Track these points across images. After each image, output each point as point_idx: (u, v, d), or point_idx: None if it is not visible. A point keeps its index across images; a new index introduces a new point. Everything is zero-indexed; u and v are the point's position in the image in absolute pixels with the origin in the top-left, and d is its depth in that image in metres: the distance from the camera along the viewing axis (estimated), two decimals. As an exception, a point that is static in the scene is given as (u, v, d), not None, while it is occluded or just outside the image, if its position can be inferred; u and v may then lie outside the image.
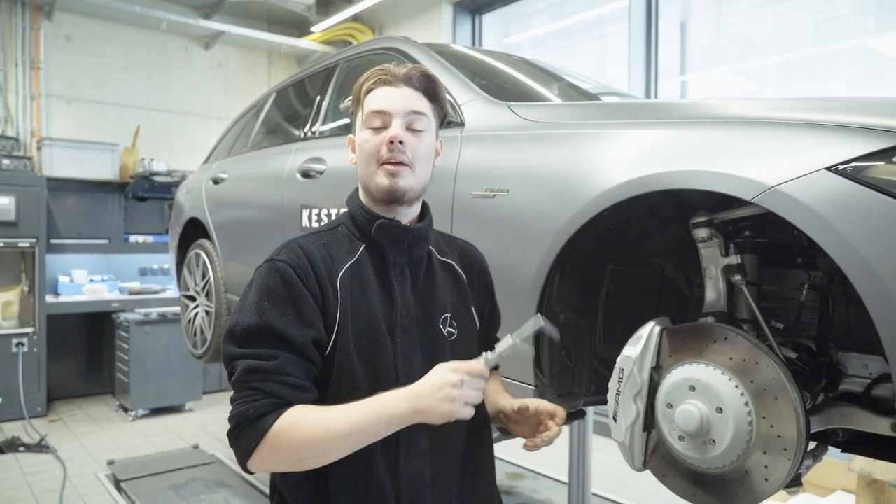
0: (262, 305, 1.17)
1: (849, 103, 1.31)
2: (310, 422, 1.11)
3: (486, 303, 1.47)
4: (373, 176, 1.27)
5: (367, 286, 1.26)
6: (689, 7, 4.74)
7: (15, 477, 4.21)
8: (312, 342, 1.18)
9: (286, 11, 7.09)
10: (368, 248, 1.30)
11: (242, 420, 1.12)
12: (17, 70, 6.07)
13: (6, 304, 5.56)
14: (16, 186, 5.44)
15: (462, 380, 1.11)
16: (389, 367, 1.23)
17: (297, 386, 1.15)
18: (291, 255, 1.22)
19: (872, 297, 1.04)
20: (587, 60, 5.52)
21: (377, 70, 1.32)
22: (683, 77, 4.76)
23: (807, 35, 4.11)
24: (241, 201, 3.24)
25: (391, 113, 1.27)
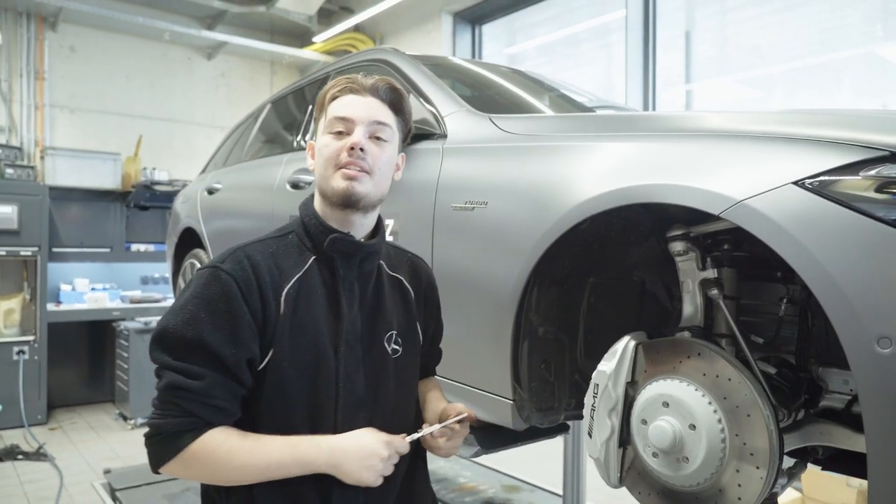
0: (197, 316, 1.14)
1: (823, 116, 1.30)
2: (227, 450, 1.12)
3: (431, 318, 1.48)
4: (329, 179, 1.25)
5: (314, 301, 1.23)
6: (694, 16, 4.73)
7: (12, 485, 4.21)
8: (245, 361, 1.16)
9: (288, 22, 7.13)
10: (318, 259, 1.27)
11: (160, 433, 1.13)
12: (22, 80, 6.13)
13: (8, 312, 5.58)
14: (19, 195, 5.48)
15: (390, 455, 1.18)
16: (331, 384, 1.21)
17: (221, 408, 1.14)
18: (236, 266, 1.18)
19: (837, 312, 1.03)
20: (593, 69, 5.50)
21: (344, 78, 1.32)
22: (688, 86, 4.75)
23: (813, 43, 4.09)
24: (233, 211, 3.25)
25: (355, 120, 1.26)
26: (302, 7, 6.81)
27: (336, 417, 1.21)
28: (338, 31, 6.98)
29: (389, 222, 2.01)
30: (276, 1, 6.63)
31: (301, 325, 1.21)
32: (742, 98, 4.55)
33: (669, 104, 4.81)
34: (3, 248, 5.42)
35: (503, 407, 1.66)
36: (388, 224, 2.01)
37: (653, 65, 4.77)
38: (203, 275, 1.19)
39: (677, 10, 4.78)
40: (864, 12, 3.87)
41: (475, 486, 4.07)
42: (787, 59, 4.23)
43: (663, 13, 4.79)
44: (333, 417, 1.21)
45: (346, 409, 1.22)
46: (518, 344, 1.63)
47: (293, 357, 1.19)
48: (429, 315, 1.47)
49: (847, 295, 1.02)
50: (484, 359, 1.68)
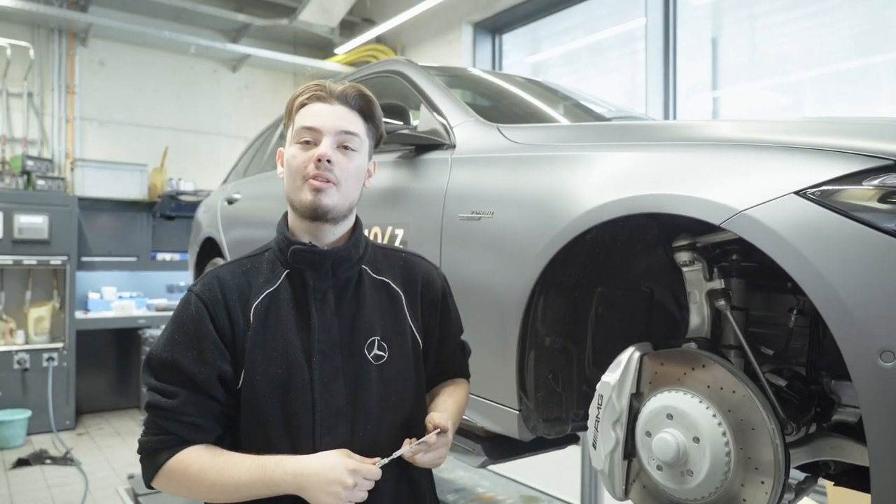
0: (173, 338, 1.21)
1: (826, 125, 1.28)
2: (198, 468, 1.15)
3: (433, 316, 1.40)
4: (297, 191, 1.24)
5: (283, 314, 1.23)
6: (721, 22, 4.67)
7: (39, 489, 4.31)
8: (217, 378, 1.19)
9: (311, 34, 7.22)
10: (290, 273, 1.27)
11: (143, 450, 1.20)
12: (54, 94, 6.29)
13: (38, 320, 5.73)
14: (50, 206, 5.63)
15: (355, 483, 1.12)
16: (305, 394, 1.20)
17: (195, 425, 1.18)
18: (204, 289, 1.23)
19: (838, 324, 1.01)
20: (618, 78, 5.45)
21: (312, 85, 1.29)
22: (715, 93, 4.69)
23: (847, 48, 3.99)
24: (252, 221, 3.29)
25: (322, 131, 1.24)
26: (324, 19, 6.89)
27: (314, 429, 1.20)
28: (359, 42, 7.05)
29: (399, 232, 2.03)
30: (299, 14, 6.73)
31: (271, 338, 1.21)
32: (771, 105, 4.47)
33: (694, 111, 4.75)
34: (34, 257, 5.57)
35: (509, 417, 1.65)
36: (399, 234, 2.03)
37: (673, 73, 4.73)
38: (182, 299, 1.26)
39: (703, 17, 4.73)
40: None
41: (493, 497, 4.05)
42: (818, 65, 4.14)
43: (688, 20, 4.74)
44: (312, 429, 1.20)
45: (325, 420, 1.20)
46: (524, 353, 1.63)
47: (265, 371, 1.20)
48: (430, 314, 1.40)
49: (849, 307, 1.00)
50: (490, 368, 1.67)
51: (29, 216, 5.52)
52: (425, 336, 1.39)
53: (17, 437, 5.14)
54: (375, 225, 2.10)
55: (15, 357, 5.43)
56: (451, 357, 1.47)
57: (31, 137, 6.21)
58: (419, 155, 2.09)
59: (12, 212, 5.45)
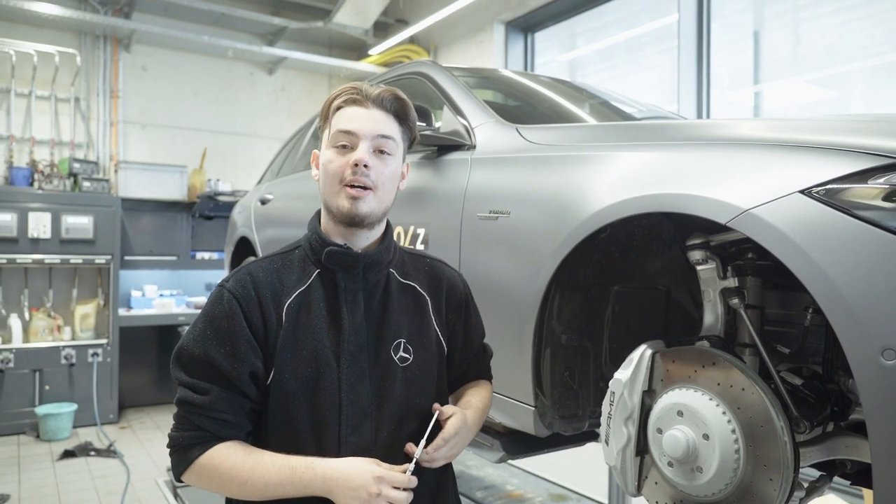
0: (205, 334, 1.21)
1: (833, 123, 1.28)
2: (230, 466, 1.16)
3: (457, 321, 1.42)
4: (334, 197, 1.25)
5: (314, 313, 1.25)
6: (763, 15, 4.58)
7: (83, 479, 4.48)
8: (249, 375, 1.20)
9: (345, 36, 7.33)
10: (322, 273, 1.28)
11: (174, 445, 1.21)
12: (99, 99, 6.52)
13: (84, 317, 5.94)
14: (94, 207, 5.84)
15: (380, 492, 1.11)
16: (333, 394, 1.22)
17: (227, 422, 1.19)
18: (237, 285, 1.24)
19: (841, 323, 1.01)
20: (657, 74, 5.37)
21: (349, 87, 1.30)
22: (757, 87, 4.60)
23: (894, 40, 3.88)
24: (284, 220, 3.38)
25: (359, 135, 1.25)
26: (358, 21, 6.98)
27: (340, 428, 1.21)
28: (393, 43, 7.12)
29: (421, 231, 2.07)
30: (334, 16, 6.83)
31: (302, 337, 1.23)
32: (816, 99, 4.34)
33: (736, 107, 4.66)
34: (80, 256, 5.78)
35: (526, 413, 1.68)
36: (420, 233, 2.07)
37: (707, 69, 4.66)
38: (212, 294, 1.27)
39: (743, 11, 4.64)
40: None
41: (522, 494, 4.07)
42: (865, 57, 4.01)
43: (727, 14, 4.65)
44: (337, 428, 1.21)
45: (350, 420, 1.22)
46: (540, 351, 1.65)
47: (295, 369, 1.21)
48: (455, 317, 1.41)
49: (852, 305, 1.00)
50: (506, 365, 1.70)
51: (75, 217, 5.73)
52: (449, 340, 1.40)
53: (63, 430, 5.35)
54: (398, 224, 2.14)
55: (62, 352, 5.64)
56: (473, 360, 1.48)
57: (78, 141, 6.44)
58: (441, 155, 2.12)
59: (60, 213, 5.67)
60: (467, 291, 1.47)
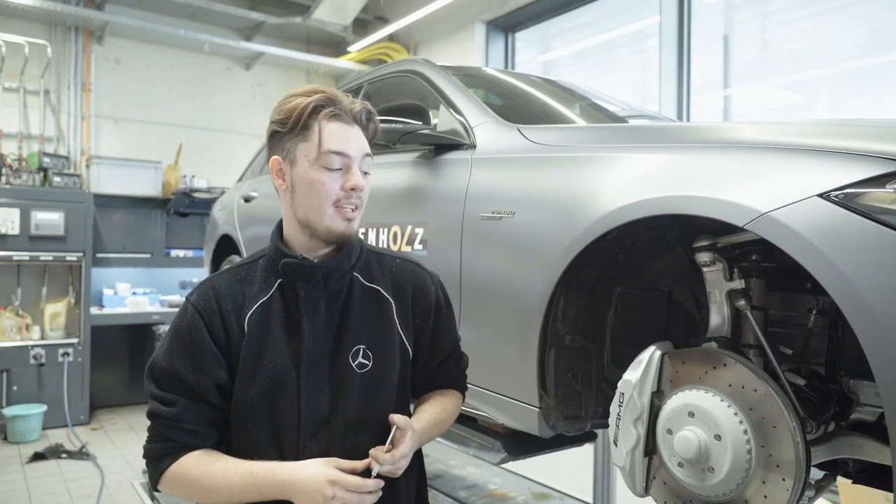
0: (171, 347, 1.25)
1: (849, 128, 1.29)
2: (197, 473, 1.19)
3: (425, 323, 1.39)
4: (322, 218, 1.24)
5: (275, 324, 1.26)
6: (733, 19, 4.66)
7: (55, 482, 4.36)
8: (215, 386, 1.23)
9: (324, 32, 7.26)
10: (283, 283, 1.29)
11: (147, 456, 1.25)
12: (70, 92, 6.36)
13: (54, 316, 5.79)
14: (65, 203, 5.68)
15: (334, 495, 1.12)
16: (292, 402, 1.23)
17: (194, 432, 1.23)
18: (200, 299, 1.26)
19: (862, 325, 1.03)
20: (628, 75, 5.46)
21: (324, 98, 1.25)
22: (727, 91, 4.68)
23: (861, 45, 3.97)
24: (269, 218, 3.32)
25: (352, 157, 1.25)
26: (337, 17, 6.92)
27: (299, 435, 1.23)
28: (372, 40, 7.08)
29: (419, 230, 2.05)
30: (313, 12, 6.76)
31: (262, 347, 1.24)
32: (783, 103, 4.45)
33: (706, 110, 4.74)
34: (51, 253, 5.62)
35: (530, 414, 1.68)
36: (419, 232, 2.05)
37: (687, 71, 4.73)
38: (180, 308, 1.30)
39: (715, 14, 4.72)
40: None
41: (505, 493, 4.07)
42: (832, 63, 4.11)
43: (700, 17, 4.74)
44: (296, 435, 1.23)
45: (308, 427, 1.23)
46: (544, 352, 1.65)
47: (254, 379, 1.23)
48: (422, 322, 1.38)
49: (872, 308, 1.02)
50: (511, 366, 1.69)
51: (45, 213, 5.57)
52: (416, 344, 1.38)
53: (33, 432, 5.21)
54: (395, 224, 2.12)
55: (31, 352, 5.49)
56: (441, 367, 1.44)
57: (48, 134, 6.27)
58: (438, 155, 2.11)
59: (29, 208, 5.51)
60: (440, 294, 1.43)
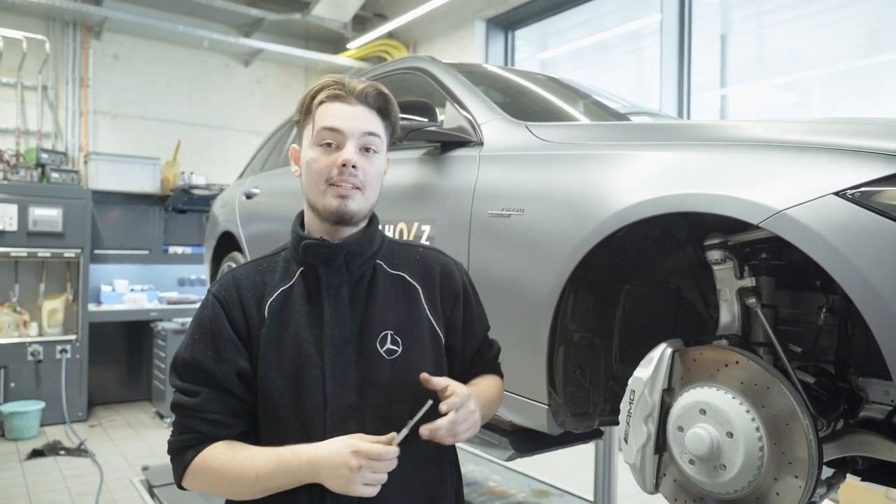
0: (194, 338, 1.24)
1: (864, 126, 1.29)
2: (221, 463, 1.17)
3: (455, 309, 1.37)
4: (320, 196, 1.23)
5: (297, 310, 1.24)
6: (730, 19, 4.67)
7: (54, 480, 4.35)
8: (236, 375, 1.21)
9: (323, 29, 7.24)
10: (305, 271, 1.27)
11: (171, 450, 1.23)
12: (68, 88, 6.33)
13: (52, 312, 5.77)
14: (63, 199, 5.66)
15: (360, 465, 1.09)
16: (318, 389, 1.20)
17: (218, 422, 1.21)
18: (221, 289, 1.26)
19: (879, 322, 1.03)
20: (624, 74, 5.48)
21: (330, 81, 1.26)
22: (723, 90, 4.70)
23: (856, 46, 4.00)
24: (271, 215, 3.32)
25: (346, 133, 1.22)
26: (337, 14, 6.91)
27: (325, 423, 1.19)
28: (372, 37, 7.06)
29: (426, 228, 2.05)
30: (312, 8, 6.74)
31: (284, 334, 1.23)
32: (779, 103, 4.48)
33: (704, 109, 4.76)
34: (49, 249, 5.60)
35: (539, 412, 1.68)
36: (425, 230, 2.05)
37: (688, 69, 4.74)
38: (203, 299, 1.29)
39: (712, 14, 4.73)
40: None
41: (505, 490, 4.08)
42: (827, 63, 4.14)
43: (698, 17, 4.75)
44: (323, 423, 1.19)
45: (336, 415, 1.20)
46: (554, 349, 1.65)
47: (279, 366, 1.21)
48: (451, 308, 1.36)
49: (889, 306, 1.02)
50: (520, 364, 1.69)
51: (43, 209, 5.55)
52: (449, 332, 1.35)
53: (30, 429, 5.19)
54: (401, 221, 2.12)
55: (29, 349, 5.47)
56: (477, 354, 1.43)
57: (46, 130, 6.24)
58: (445, 152, 2.11)
59: (27, 204, 5.49)
60: (466, 280, 1.42)
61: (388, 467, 1.12)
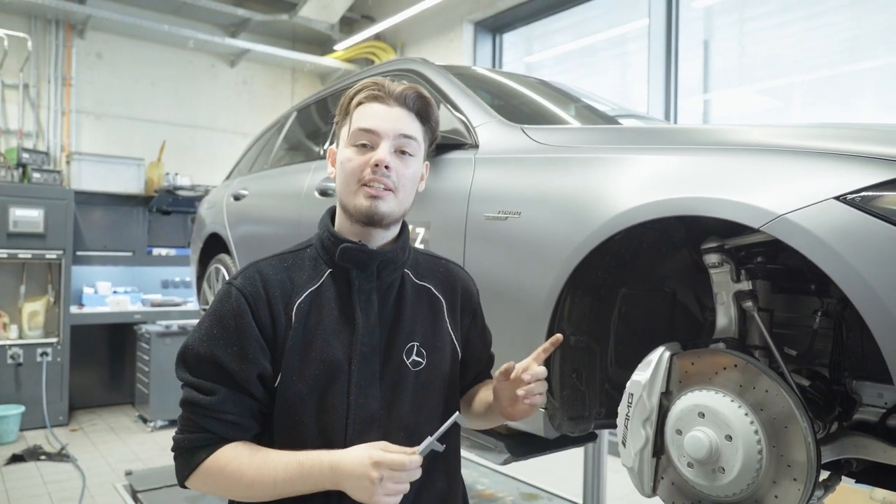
0: (212, 333, 1.17)
1: (861, 131, 1.31)
2: (236, 466, 1.12)
3: (472, 326, 1.39)
4: (352, 196, 1.20)
5: (326, 314, 1.20)
6: (713, 25, 4.73)
7: (35, 485, 4.27)
8: (257, 376, 1.16)
9: (310, 30, 7.21)
10: (334, 272, 1.24)
11: (179, 448, 1.16)
12: (50, 87, 6.24)
13: (32, 315, 5.67)
14: (45, 199, 5.57)
15: (381, 476, 1.06)
16: (342, 398, 1.17)
17: (233, 423, 1.15)
18: (246, 283, 1.19)
19: (880, 326, 1.04)
20: (609, 78, 5.53)
21: (371, 83, 1.25)
22: (706, 95, 4.75)
23: (834, 53, 4.08)
24: (260, 217, 3.29)
25: (381, 134, 1.20)
26: (324, 15, 6.88)
27: (346, 431, 1.17)
28: (359, 39, 7.05)
29: (420, 231, 2.04)
30: (299, 9, 6.72)
31: (311, 339, 1.18)
32: (761, 108, 4.54)
33: (687, 114, 4.81)
34: (30, 251, 5.51)
35: (535, 415, 1.67)
36: (419, 233, 2.04)
37: (675, 74, 4.78)
38: (220, 291, 1.21)
39: (696, 20, 4.79)
40: (886, 22, 3.85)
41: (493, 494, 4.07)
42: (807, 70, 4.22)
43: (683, 22, 4.80)
44: (344, 432, 1.17)
45: (357, 425, 1.18)
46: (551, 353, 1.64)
47: (302, 371, 1.17)
48: (468, 324, 1.39)
49: (890, 309, 1.03)
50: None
51: (24, 209, 5.46)
52: (464, 345, 1.36)
53: (10, 433, 5.09)
54: (395, 223, 2.10)
55: (8, 352, 5.37)
56: (485, 369, 1.46)
57: (27, 130, 6.15)
58: (439, 154, 2.10)
59: (7, 205, 5.39)
60: (478, 297, 1.45)
61: (410, 477, 1.09)
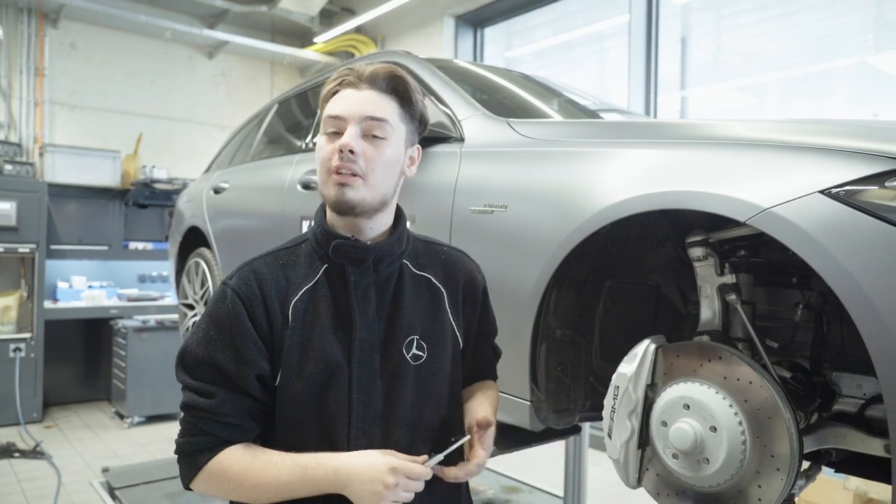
0: (209, 335, 1.15)
1: (845, 127, 1.33)
2: (238, 469, 1.11)
3: (473, 315, 1.35)
4: (324, 185, 1.18)
5: (323, 311, 1.18)
6: (690, 22, 4.78)
7: (9, 483, 4.19)
8: (256, 377, 1.15)
9: (289, 22, 7.14)
10: (329, 268, 1.21)
11: (182, 452, 1.16)
12: (22, 77, 6.10)
13: (5, 310, 5.56)
14: (17, 192, 5.45)
15: (397, 483, 1.06)
16: (343, 396, 1.16)
17: (234, 425, 1.14)
18: (241, 283, 1.16)
19: (864, 319, 1.06)
20: (587, 74, 5.57)
21: (344, 69, 1.21)
22: (683, 92, 4.80)
23: (807, 52, 4.15)
24: (241, 211, 3.25)
25: (346, 118, 1.16)
26: (304, 7, 6.81)
27: (350, 432, 1.16)
28: (339, 32, 6.99)
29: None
30: (278, 1, 6.64)
31: (309, 337, 1.16)
32: (736, 105, 4.61)
33: (665, 110, 4.86)
34: (1, 244, 5.39)
35: (521, 408, 1.68)
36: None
37: (655, 69, 4.82)
38: (216, 293, 1.19)
39: (673, 17, 4.83)
40: (857, 22, 3.93)
41: (474, 487, 4.09)
42: (781, 67, 4.29)
43: (662, 18, 4.84)
44: (346, 431, 1.16)
45: (361, 423, 1.16)
46: (536, 346, 1.65)
47: (302, 369, 1.15)
48: (471, 314, 1.34)
49: (874, 302, 1.05)
50: (503, 361, 1.68)
51: (-5, 202, 5.35)
52: (465, 336, 1.33)
53: (-18, 430, 5.01)
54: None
55: (-20, 347, 5.27)
56: (485, 359, 1.43)
57: (-2, 121, 6.02)
58: (424, 148, 2.08)
59: (-22, 197, 5.28)
60: (485, 284, 1.40)
61: (417, 488, 1.10)
